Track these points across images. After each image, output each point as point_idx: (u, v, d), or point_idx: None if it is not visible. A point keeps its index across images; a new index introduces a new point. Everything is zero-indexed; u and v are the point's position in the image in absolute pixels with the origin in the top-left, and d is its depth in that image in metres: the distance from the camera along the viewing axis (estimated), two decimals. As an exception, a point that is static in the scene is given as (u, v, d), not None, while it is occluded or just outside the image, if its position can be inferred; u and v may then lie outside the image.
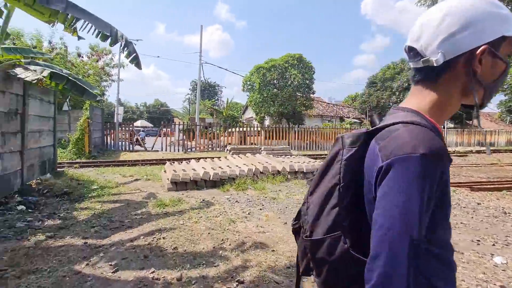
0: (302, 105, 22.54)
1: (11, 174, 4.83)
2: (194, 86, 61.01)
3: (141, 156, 12.22)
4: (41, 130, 6.19)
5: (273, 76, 20.28)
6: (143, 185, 6.51)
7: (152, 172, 8.17)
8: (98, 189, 5.92)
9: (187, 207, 4.54)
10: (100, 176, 7.48)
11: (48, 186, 5.98)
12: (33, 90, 5.71)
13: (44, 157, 6.41)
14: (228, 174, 6.37)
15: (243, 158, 8.22)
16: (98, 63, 16.98)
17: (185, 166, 7.06)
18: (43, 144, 6.32)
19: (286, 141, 17.44)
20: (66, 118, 14.25)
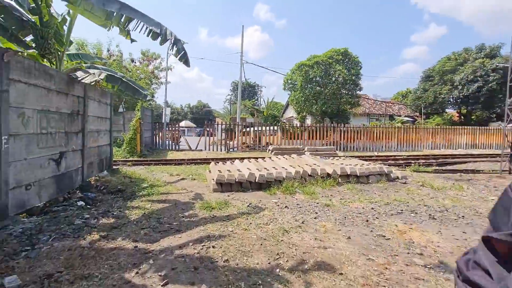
0: (347, 103, 21.15)
1: (73, 171, 5.14)
2: (234, 86, 62.33)
3: (186, 155, 12.59)
4: (99, 130, 6.58)
5: (316, 73, 19.37)
6: (189, 184, 6.51)
7: (197, 172, 8.22)
8: (148, 187, 6.05)
9: (234, 211, 4.28)
10: (150, 174, 7.75)
11: (105, 183, 6.32)
12: (92, 92, 6.06)
13: (101, 156, 6.81)
14: (274, 176, 5.99)
15: (288, 159, 7.77)
16: (149, 68, 18.18)
17: (229, 166, 6.89)
18: (100, 143, 6.72)
19: (329, 141, 16.46)
20: (121, 119, 15.45)
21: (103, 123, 6.93)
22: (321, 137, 16.44)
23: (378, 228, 3.41)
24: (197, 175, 7.63)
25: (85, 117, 5.61)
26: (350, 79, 19.60)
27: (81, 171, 5.52)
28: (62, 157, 4.72)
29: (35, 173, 3.96)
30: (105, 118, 7.05)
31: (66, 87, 4.86)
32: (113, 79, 6.10)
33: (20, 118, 3.66)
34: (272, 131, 16.25)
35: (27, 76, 3.79)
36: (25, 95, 3.76)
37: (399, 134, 17.40)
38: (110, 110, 7.50)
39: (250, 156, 12.27)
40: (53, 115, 4.45)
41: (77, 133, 5.33)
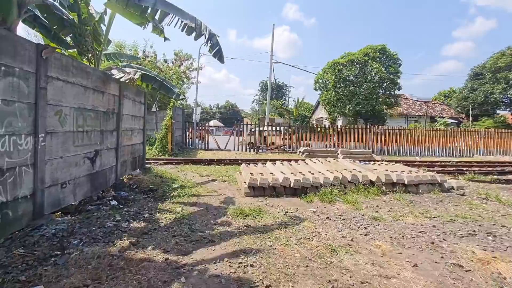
0: (384, 103, 19.76)
1: (107, 170, 5.12)
2: (262, 87, 62.22)
3: (215, 155, 12.51)
4: (132, 129, 6.60)
5: (350, 71, 18.33)
6: (219, 186, 6.26)
7: (227, 173, 7.98)
8: (179, 188, 5.90)
9: (270, 220, 3.89)
10: (180, 174, 7.66)
11: (137, 181, 6.31)
12: (127, 91, 6.07)
13: (135, 154, 6.84)
14: (311, 182, 5.50)
15: (324, 163, 7.20)
16: (180, 68, 18.58)
17: (261, 169, 6.52)
18: (134, 141, 6.74)
19: (364, 144, 15.37)
20: (154, 118, 15.91)
21: (137, 121, 6.96)
22: (354, 139, 15.43)
23: (449, 254, 2.79)
24: (227, 176, 7.38)
25: (120, 115, 5.60)
26: (388, 78, 18.24)
27: (115, 170, 5.52)
28: (97, 155, 4.70)
29: (70, 171, 3.92)
30: (139, 116, 7.07)
31: (103, 85, 4.84)
32: (148, 78, 6.07)
33: (57, 115, 3.62)
34: (302, 131, 15.61)
35: (65, 74, 3.75)
36: (63, 92, 3.72)
37: (444, 138, 15.74)
38: (144, 109, 7.53)
39: (280, 158, 11.84)
40: (89, 113, 4.42)
41: (112, 131, 5.32)
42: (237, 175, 6.96)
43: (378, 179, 5.85)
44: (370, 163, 7.75)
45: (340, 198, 5.18)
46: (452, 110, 30.65)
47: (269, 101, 22.01)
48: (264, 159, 11.04)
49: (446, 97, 40.08)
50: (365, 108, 18.36)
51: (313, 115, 31.89)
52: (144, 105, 7.54)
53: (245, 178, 5.82)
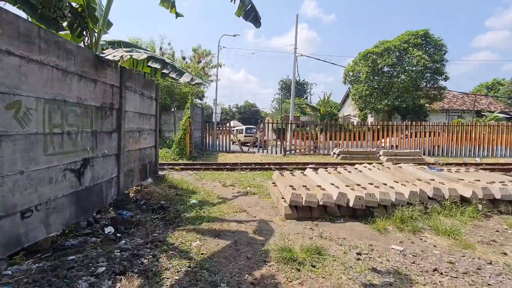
0: (426, 96, 17.39)
1: (104, 184, 3.88)
2: (282, 85, 60.43)
3: (238, 158, 11.16)
4: (141, 129, 5.38)
5: (386, 61, 16.22)
6: (248, 202, 4.84)
7: (255, 182, 6.56)
8: (197, 205, 4.56)
9: (340, 273, 2.38)
10: (199, 183, 6.36)
11: (146, 195, 5.07)
12: (132, 81, 4.83)
13: (145, 160, 5.62)
14: (377, 199, 3.91)
15: (383, 170, 5.53)
16: (199, 65, 17.54)
17: (302, 179, 5.01)
18: (143, 145, 5.52)
19: (403, 143, 13.24)
20: (172, 118, 14.93)
21: (147, 121, 5.74)
22: (389, 137, 13.30)
23: None
24: (255, 186, 5.95)
25: (121, 112, 4.37)
26: (432, 67, 15.90)
27: (115, 182, 4.28)
28: (87, 165, 3.45)
29: (39, 191, 2.67)
30: (149, 115, 5.86)
31: (94, 71, 3.59)
32: (155, 60, 4.82)
33: (11, 110, 2.37)
34: (333, 130, 13.84)
35: (26, 47, 2.49)
36: (22, 75, 2.48)
37: (508, 134, 13.16)
38: (156, 106, 6.32)
39: (313, 161, 10.23)
40: (72, 108, 3.17)
41: (111, 133, 4.08)
42: (269, 187, 5.51)
43: (474, 195, 4.12)
44: (444, 170, 5.92)
45: (428, 225, 3.55)
46: (500, 103, 27.13)
47: (293, 98, 20.40)
48: (296, 163, 9.50)
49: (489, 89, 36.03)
50: (405, 102, 16.15)
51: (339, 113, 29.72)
52: (156, 101, 6.33)
53: (283, 193, 4.36)
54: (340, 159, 10.98)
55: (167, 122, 15.34)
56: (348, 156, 11.06)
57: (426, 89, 16.87)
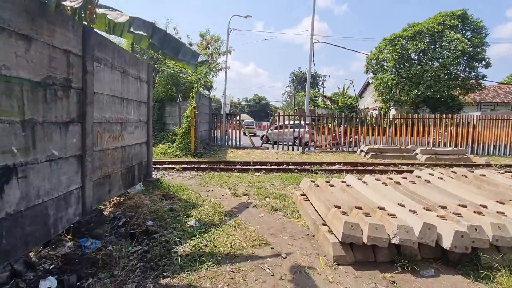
0: (461, 87, 15.36)
1: (51, 203, 2.51)
2: (293, 77, 58.41)
3: (250, 155, 9.72)
4: (124, 120, 3.99)
5: (419, 46, 14.25)
6: (270, 224, 3.40)
7: (274, 189, 5.12)
8: (198, 229, 3.15)
9: None
10: (203, 191, 4.96)
11: (130, 210, 3.71)
12: (107, 52, 3.41)
13: (131, 161, 4.25)
14: (490, 237, 2.38)
15: (458, 179, 3.96)
16: (207, 51, 16.08)
17: (347, 192, 3.50)
18: (129, 141, 4.14)
19: (436, 139, 11.42)
20: (177, 110, 13.60)
21: (134, 109, 4.35)
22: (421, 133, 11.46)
23: None
24: (277, 197, 4.50)
25: (87, 94, 2.97)
26: (471, 52, 13.85)
27: (78, 197, 2.91)
28: (11, 177, 2.07)
29: None
30: (137, 101, 4.46)
31: (27, 23, 2.18)
32: (141, 26, 3.40)
33: None
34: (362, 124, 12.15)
35: None
36: None
37: None
38: (149, 91, 4.92)
39: (337, 159, 8.67)
40: (-29, 79, 1.78)
41: (67, 124, 2.69)
42: (296, 199, 4.04)
43: None
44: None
45: None
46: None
47: (309, 88, 18.70)
48: (319, 163, 7.98)
49: (521, 81, 33.04)
50: (438, 92, 14.21)
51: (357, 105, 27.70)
52: (149, 84, 4.93)
53: (325, 217, 2.89)
54: (369, 158, 9.37)
55: (172, 114, 14.03)
56: (379, 154, 9.44)
57: (463, 78, 14.84)
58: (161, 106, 14.33)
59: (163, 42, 3.66)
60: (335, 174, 6.77)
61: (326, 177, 6.27)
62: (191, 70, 5.03)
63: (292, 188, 5.23)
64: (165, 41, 3.68)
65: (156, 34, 3.55)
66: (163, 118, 14.44)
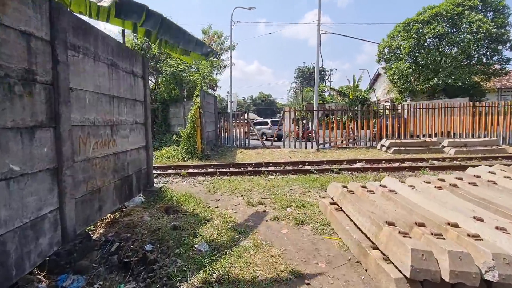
0: (483, 72, 14.25)
1: (10, 237, 1.88)
2: (299, 73, 57.37)
3: (261, 155, 9.03)
4: (116, 122, 3.36)
5: (436, 29, 13.23)
6: (298, 244, 2.72)
7: (294, 194, 4.42)
8: (208, 255, 2.49)
9: None
10: (213, 200, 4.31)
11: (126, 230, 3.08)
12: (88, 39, 2.77)
13: (127, 170, 3.62)
14: None
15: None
16: (211, 45, 15.44)
17: (392, 200, 2.78)
18: (123, 147, 3.51)
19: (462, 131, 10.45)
20: (182, 111, 13.02)
21: (128, 109, 3.72)
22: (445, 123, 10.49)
23: None
24: (299, 205, 3.80)
25: (60, 90, 2.33)
26: (495, 34, 12.76)
27: (55, 222, 2.29)
28: None
29: None
30: (131, 100, 3.83)
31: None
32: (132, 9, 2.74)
33: None
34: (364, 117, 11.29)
35: None
36: None
37: None
38: (145, 88, 4.29)
39: (357, 157, 7.88)
40: None
41: (32, 129, 2.06)
42: (325, 208, 3.34)
43: None
44: None
45: None
46: None
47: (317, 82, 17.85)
48: (338, 161, 7.23)
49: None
50: (460, 79, 13.18)
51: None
52: (145, 80, 4.29)
53: (374, 237, 2.18)
54: (392, 153, 8.55)
55: (176, 115, 13.46)
56: (402, 149, 8.60)
57: (485, 63, 13.73)
58: (165, 107, 13.79)
59: (160, 27, 2.99)
60: (359, 173, 6.02)
61: (350, 178, 5.53)
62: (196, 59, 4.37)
63: (314, 193, 4.52)
64: (163, 26, 3.02)
65: (150, 18, 2.88)
66: (167, 119, 13.90)
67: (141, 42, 13.27)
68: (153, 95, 14.08)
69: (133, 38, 13.51)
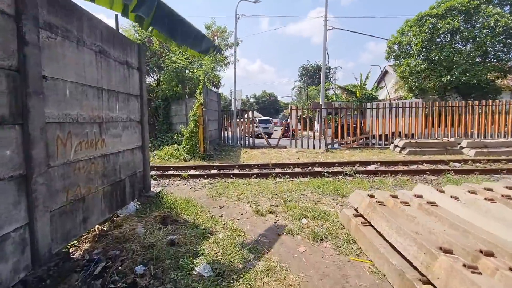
0: (500, 69, 13.57)
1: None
2: (303, 71, 56.74)
3: (266, 156, 8.55)
4: (107, 119, 2.90)
5: (452, 24, 12.59)
6: (320, 266, 2.24)
7: (307, 201, 3.94)
8: (211, 282, 2.02)
9: None
10: (216, 206, 3.85)
11: (115, 245, 2.63)
12: (68, 18, 2.30)
13: (118, 174, 3.17)
14: None
15: None
16: (214, 40, 14.94)
17: (434, 215, 2.29)
18: (114, 148, 3.06)
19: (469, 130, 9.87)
20: (184, 108, 12.56)
21: (121, 103, 3.26)
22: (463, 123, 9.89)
23: None
24: (315, 216, 3.32)
25: (29, 78, 1.87)
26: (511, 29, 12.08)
27: (22, 242, 1.84)
28: None
29: None
30: (125, 94, 3.37)
31: None
32: None
33: None
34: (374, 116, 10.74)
35: None
36: None
37: None
38: (141, 81, 3.83)
39: (370, 158, 7.37)
40: None
41: (-13, 127, 1.60)
42: (348, 222, 2.85)
43: None
44: None
45: None
46: None
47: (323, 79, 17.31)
48: (351, 163, 6.73)
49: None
50: (475, 76, 12.55)
51: (374, 97, 25.93)
52: (141, 72, 3.82)
53: (429, 269, 1.68)
54: (407, 154, 8.01)
55: (178, 113, 13.01)
56: (418, 150, 8.07)
57: (501, 59, 13.06)
58: (167, 105, 13.35)
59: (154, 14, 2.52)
60: (376, 177, 5.51)
61: (368, 182, 5.03)
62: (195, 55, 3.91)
63: (329, 200, 4.04)
64: (158, 12, 2.54)
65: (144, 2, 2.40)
66: (169, 117, 13.46)
67: (143, 37, 12.82)
68: (154, 92, 13.65)
69: (134, 33, 13.07)
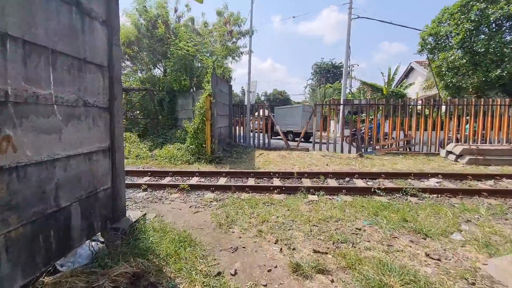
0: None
1: None
2: (316, 69, 54.86)
3: (287, 160, 7.02)
4: (24, 99, 1.48)
5: (506, 10, 10.70)
6: None
7: (370, 244, 2.42)
8: None
9: None
10: (225, 247, 2.39)
11: None
12: None
13: (56, 199, 1.75)
14: None
15: None
16: (226, 27, 13.49)
17: None
18: (40, 152, 1.64)
19: None
20: (190, 102, 11.20)
21: (66, 74, 1.83)
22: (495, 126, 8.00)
23: None
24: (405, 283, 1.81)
25: None
26: None
27: None
28: None
29: None
30: (74, 58, 1.93)
31: None
32: None
33: None
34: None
35: None
36: None
37: None
38: (111, 43, 2.40)
39: (422, 168, 5.75)
40: None
41: None
42: None
43: None
44: None
45: None
46: None
47: (346, 72, 15.68)
48: (399, 174, 5.14)
49: None
50: (531, 72, 10.61)
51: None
52: (111, 29, 2.40)
53: None
54: (466, 163, 6.33)
55: (185, 108, 11.67)
56: (480, 158, 6.37)
57: None
58: (172, 98, 12.04)
59: None
60: (449, 198, 3.93)
61: (448, 208, 3.45)
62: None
63: (406, 242, 2.52)
64: None
65: None
66: (174, 112, 12.15)
67: (147, 22, 11.51)
68: (159, 84, 12.36)
69: (138, 18, 11.78)
